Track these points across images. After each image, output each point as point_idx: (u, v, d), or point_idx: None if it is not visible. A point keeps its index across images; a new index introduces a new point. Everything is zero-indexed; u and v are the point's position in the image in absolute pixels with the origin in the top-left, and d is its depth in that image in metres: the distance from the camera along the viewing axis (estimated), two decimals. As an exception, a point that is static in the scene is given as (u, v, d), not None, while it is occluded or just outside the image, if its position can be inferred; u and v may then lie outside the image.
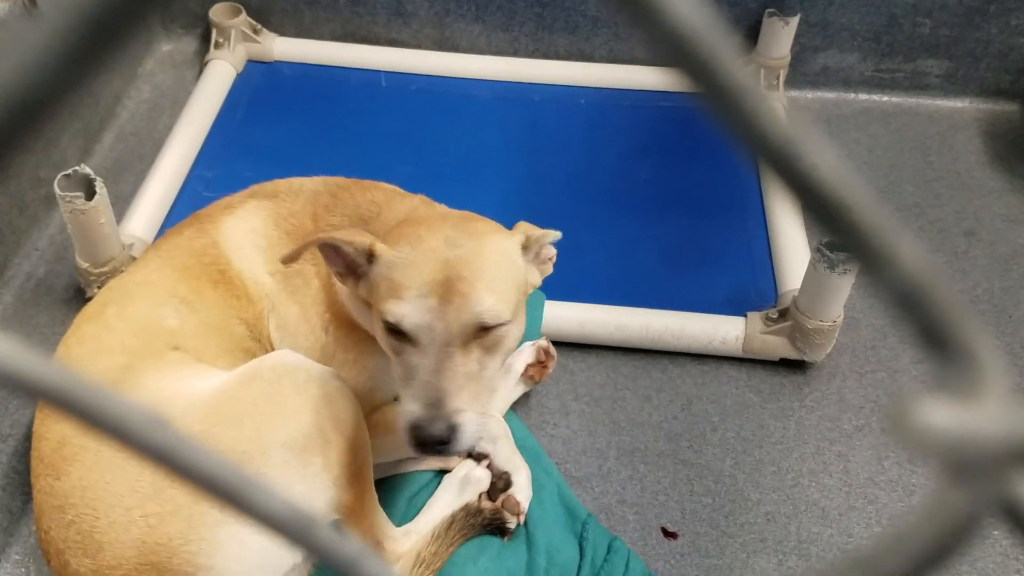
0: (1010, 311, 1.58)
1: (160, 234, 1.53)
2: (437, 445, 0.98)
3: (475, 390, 1.01)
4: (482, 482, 1.21)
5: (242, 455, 1.01)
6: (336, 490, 1.06)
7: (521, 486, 1.21)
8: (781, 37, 1.84)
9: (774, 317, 1.44)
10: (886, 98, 1.98)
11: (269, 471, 1.01)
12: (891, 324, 1.55)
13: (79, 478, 1.00)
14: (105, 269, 1.41)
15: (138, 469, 0.98)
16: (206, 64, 1.91)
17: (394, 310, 1.00)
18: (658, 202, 1.72)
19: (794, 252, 1.56)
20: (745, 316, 1.46)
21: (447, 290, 0.99)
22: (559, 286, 1.47)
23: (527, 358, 1.34)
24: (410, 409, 0.99)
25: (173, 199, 1.64)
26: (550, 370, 1.36)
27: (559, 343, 1.44)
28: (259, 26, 1.96)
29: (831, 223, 0.20)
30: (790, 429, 1.41)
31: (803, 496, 1.33)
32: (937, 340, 0.21)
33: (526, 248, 1.09)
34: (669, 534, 1.28)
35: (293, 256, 1.09)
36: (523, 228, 1.10)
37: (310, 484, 1.04)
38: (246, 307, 1.20)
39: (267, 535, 0.26)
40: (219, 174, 1.71)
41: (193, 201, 1.56)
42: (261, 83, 1.93)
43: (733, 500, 1.32)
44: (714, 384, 1.46)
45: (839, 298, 1.36)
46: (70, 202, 1.32)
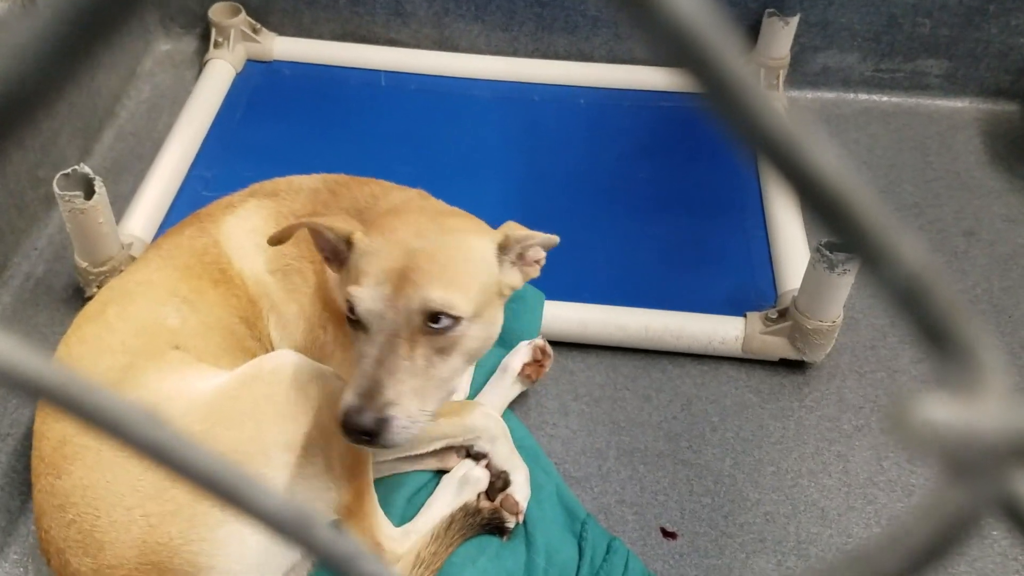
0: (1010, 311, 1.58)
1: (159, 234, 1.53)
2: (363, 436, 0.96)
3: (419, 387, 0.98)
4: (480, 482, 1.20)
5: (243, 455, 1.01)
6: (336, 490, 1.06)
7: (519, 486, 1.21)
8: (781, 37, 1.84)
9: (774, 317, 1.44)
10: (886, 98, 1.98)
11: (269, 471, 1.01)
12: (891, 324, 1.55)
13: (80, 477, 1.00)
14: (104, 268, 1.41)
15: (139, 469, 0.98)
16: (205, 63, 1.91)
17: (351, 295, 1.00)
18: (658, 202, 1.72)
19: (794, 252, 1.56)
20: (745, 316, 1.46)
21: (402, 279, 0.99)
22: (559, 286, 1.48)
23: (524, 357, 1.34)
24: (346, 397, 0.97)
25: (172, 199, 1.64)
26: (547, 369, 1.36)
27: (559, 343, 1.44)
28: (259, 26, 1.97)
29: (831, 220, 0.20)
30: (789, 429, 1.41)
31: (802, 496, 1.33)
32: (937, 338, 0.21)
33: (505, 248, 1.07)
34: (668, 534, 1.28)
35: (279, 237, 1.10)
36: (506, 228, 1.08)
37: (310, 484, 1.04)
38: (247, 306, 1.20)
39: (266, 534, 0.26)
40: (218, 174, 1.71)
41: (192, 201, 1.56)
42: (260, 83, 1.93)
43: (732, 500, 1.32)
44: (714, 384, 1.46)
45: (839, 298, 1.36)
46: (69, 201, 1.32)
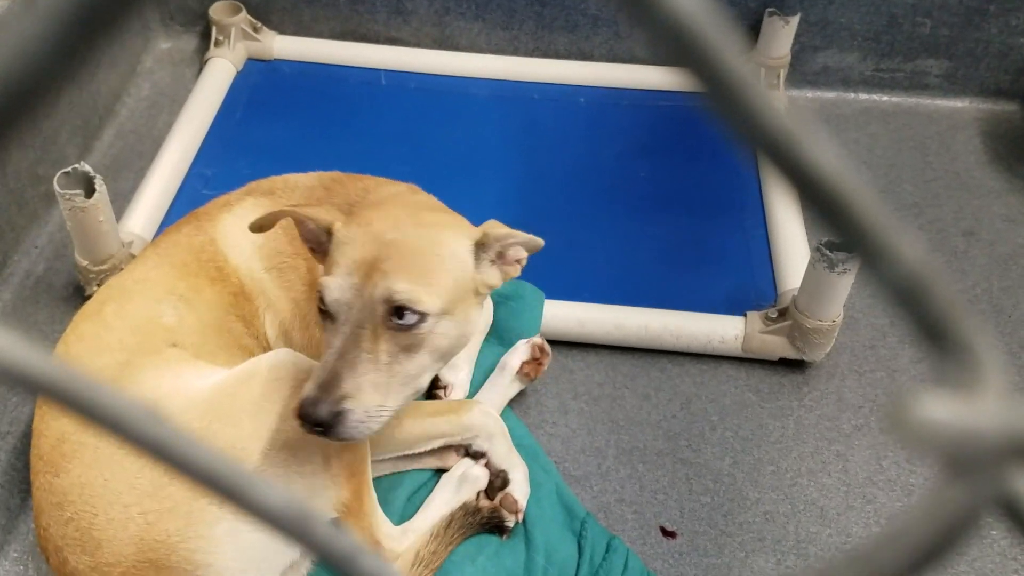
0: (1009, 311, 1.58)
1: (159, 232, 1.53)
2: (317, 427, 0.96)
3: (380, 382, 0.98)
4: (479, 480, 1.20)
5: (241, 452, 1.01)
6: (335, 488, 1.06)
7: (519, 484, 1.21)
8: (781, 36, 1.84)
9: (773, 316, 1.44)
10: (886, 98, 1.98)
11: (268, 469, 1.01)
12: (890, 324, 1.55)
13: (78, 475, 1.00)
14: (104, 267, 1.41)
15: (137, 466, 0.98)
16: (206, 62, 1.91)
17: (321, 284, 1.01)
18: (658, 201, 1.72)
19: (794, 251, 1.56)
20: (744, 315, 1.46)
21: (372, 269, 0.99)
22: (558, 285, 1.48)
23: (523, 355, 1.34)
24: (306, 387, 0.97)
25: (172, 197, 1.64)
26: (545, 368, 1.35)
27: (558, 342, 1.44)
28: (259, 24, 1.96)
29: (831, 218, 0.20)
30: (789, 428, 1.41)
31: (802, 495, 1.33)
32: (936, 335, 0.21)
33: (484, 246, 1.06)
34: (668, 533, 1.28)
35: (261, 224, 1.10)
36: (487, 226, 1.08)
37: (309, 482, 1.04)
38: (243, 304, 1.20)
39: (264, 530, 0.26)
40: (218, 172, 1.71)
41: (192, 199, 1.56)
42: (261, 81, 1.93)
43: (732, 499, 1.32)
44: (713, 383, 1.46)
45: (838, 298, 1.36)
46: (69, 200, 1.32)
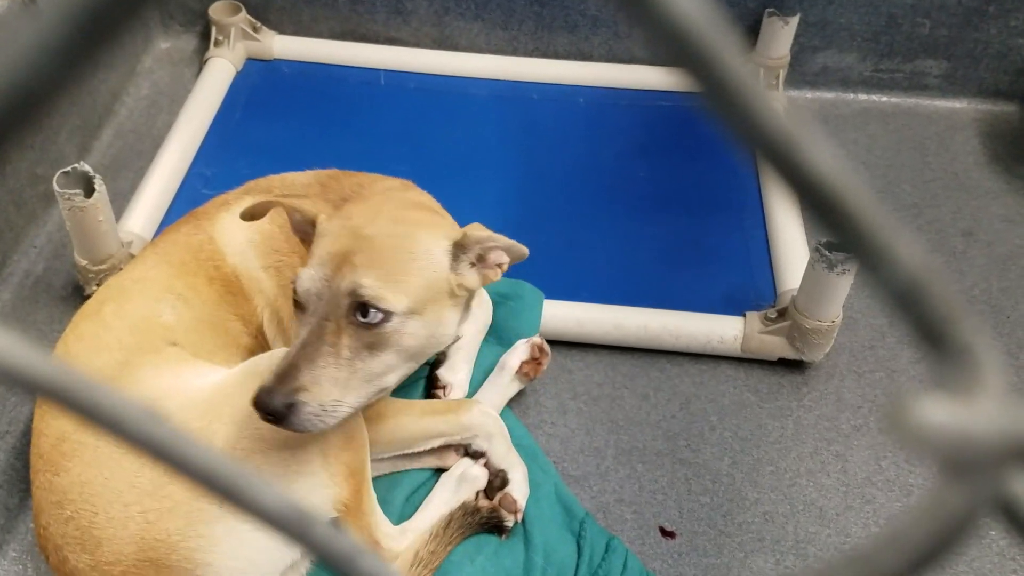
0: (1008, 311, 1.59)
1: (159, 231, 1.53)
2: (270, 417, 0.96)
3: (341, 377, 0.98)
4: (478, 480, 1.20)
5: (240, 452, 1.01)
6: (334, 488, 1.06)
7: (517, 484, 1.21)
8: (780, 37, 1.84)
9: (772, 317, 1.44)
10: (885, 98, 1.98)
11: (267, 468, 1.01)
12: (889, 324, 1.55)
13: (78, 474, 1.00)
14: (103, 266, 1.41)
15: (137, 465, 0.98)
16: (205, 62, 1.91)
17: (297, 274, 1.02)
18: (657, 201, 1.72)
19: (793, 252, 1.56)
20: (743, 316, 1.46)
21: (342, 262, 0.99)
22: (558, 285, 1.48)
23: (522, 355, 1.33)
24: (265, 376, 0.97)
25: (172, 197, 1.64)
26: (544, 367, 1.35)
27: (557, 342, 1.44)
28: (259, 24, 1.96)
29: (829, 220, 0.20)
30: (788, 429, 1.41)
31: (801, 496, 1.33)
32: (934, 338, 0.21)
33: (464, 248, 1.06)
34: (667, 533, 1.28)
35: (251, 212, 1.11)
36: (469, 228, 1.08)
37: (308, 482, 1.04)
38: (241, 303, 1.20)
39: (263, 531, 0.26)
40: (218, 172, 1.71)
41: (192, 198, 1.56)
42: (260, 81, 1.93)
43: (731, 499, 1.32)
44: (712, 384, 1.46)
45: (838, 298, 1.36)
46: (69, 199, 1.32)
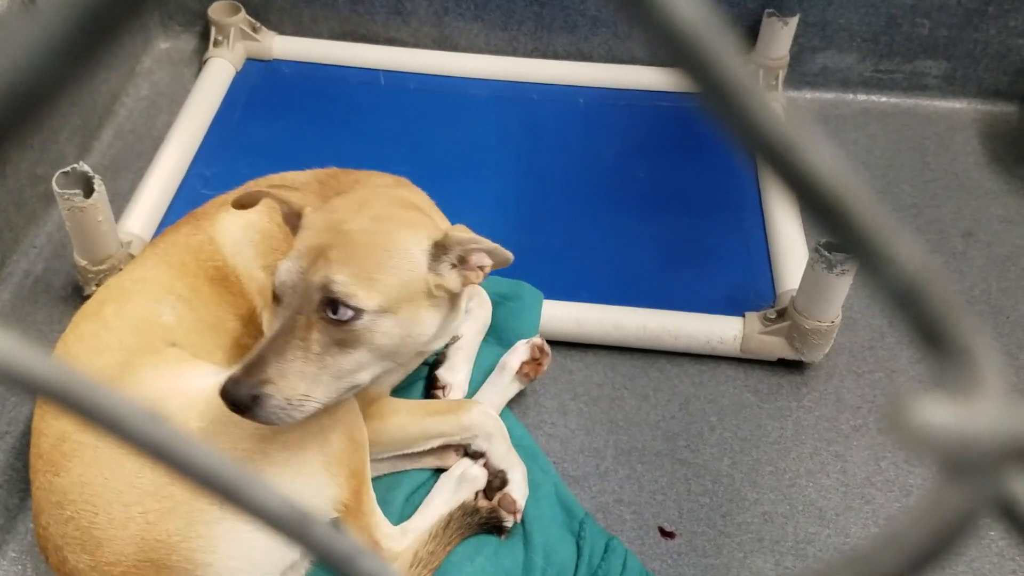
0: (1007, 312, 1.59)
1: (158, 232, 1.53)
2: (234, 408, 0.96)
3: (310, 372, 0.98)
4: (478, 480, 1.20)
5: (241, 453, 1.01)
6: (334, 488, 1.06)
7: (517, 484, 1.21)
8: (780, 37, 1.84)
9: (772, 317, 1.44)
10: (884, 99, 1.98)
11: (268, 469, 1.01)
12: (889, 325, 1.55)
13: (78, 474, 1.00)
14: (103, 267, 1.41)
15: (137, 466, 0.98)
16: (205, 62, 1.91)
17: (277, 266, 1.02)
18: (656, 202, 1.72)
19: (792, 252, 1.56)
20: (743, 316, 1.46)
21: (318, 256, 1.00)
22: (557, 285, 1.48)
23: (522, 356, 1.33)
24: (234, 367, 0.97)
25: (171, 197, 1.64)
26: (545, 368, 1.35)
27: (557, 342, 1.44)
28: (258, 24, 1.96)
29: (829, 220, 0.20)
30: (788, 429, 1.41)
31: (800, 496, 1.33)
32: (934, 338, 0.21)
33: (445, 249, 1.05)
34: (666, 533, 1.28)
35: (241, 202, 1.11)
36: (451, 229, 1.07)
37: (308, 482, 1.04)
38: (241, 303, 1.20)
39: (263, 531, 0.26)
40: (218, 172, 1.71)
41: (191, 199, 1.56)
42: (260, 81, 1.93)
43: (730, 500, 1.32)
44: (712, 384, 1.46)
45: (837, 298, 1.36)
46: (68, 199, 1.32)
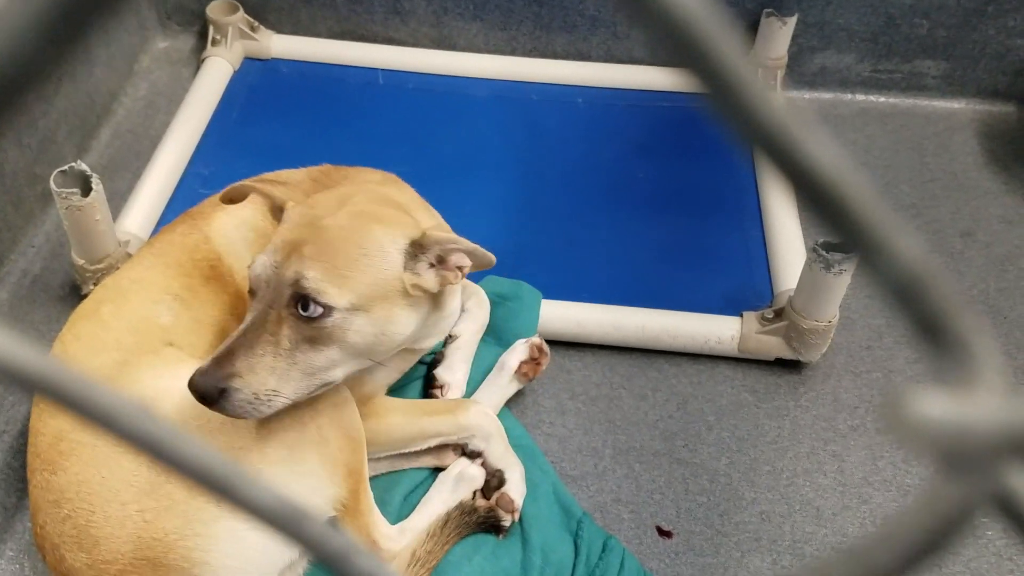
0: (1006, 312, 1.59)
1: (156, 231, 1.53)
2: (202, 400, 0.96)
3: (279, 368, 0.98)
4: (476, 480, 1.20)
5: (238, 451, 1.01)
6: (332, 488, 1.06)
7: (515, 483, 1.21)
8: (779, 37, 1.84)
9: (770, 317, 1.44)
10: (883, 99, 1.99)
11: (265, 467, 1.01)
12: (887, 324, 1.55)
13: (75, 473, 1.00)
14: (101, 266, 1.40)
15: (134, 464, 0.98)
16: (203, 61, 1.91)
17: (253, 259, 1.03)
18: (655, 201, 1.72)
19: (790, 252, 1.56)
20: (741, 316, 1.46)
21: (292, 250, 1.00)
22: (556, 285, 1.48)
23: (521, 355, 1.33)
24: (205, 359, 0.98)
25: (169, 196, 1.64)
26: (544, 367, 1.35)
27: (555, 342, 1.44)
28: (256, 23, 1.96)
29: (827, 212, 0.20)
30: (785, 429, 1.41)
31: (798, 495, 1.33)
32: (932, 331, 0.21)
33: (423, 248, 1.05)
34: (664, 533, 1.28)
35: (229, 196, 1.12)
36: (430, 229, 1.07)
37: (305, 481, 1.04)
38: (237, 302, 1.20)
39: (258, 527, 0.26)
40: (216, 171, 1.70)
41: (189, 198, 1.55)
42: (258, 80, 1.93)
43: (728, 499, 1.32)
44: (710, 384, 1.46)
45: (835, 298, 1.36)
46: (66, 198, 1.31)
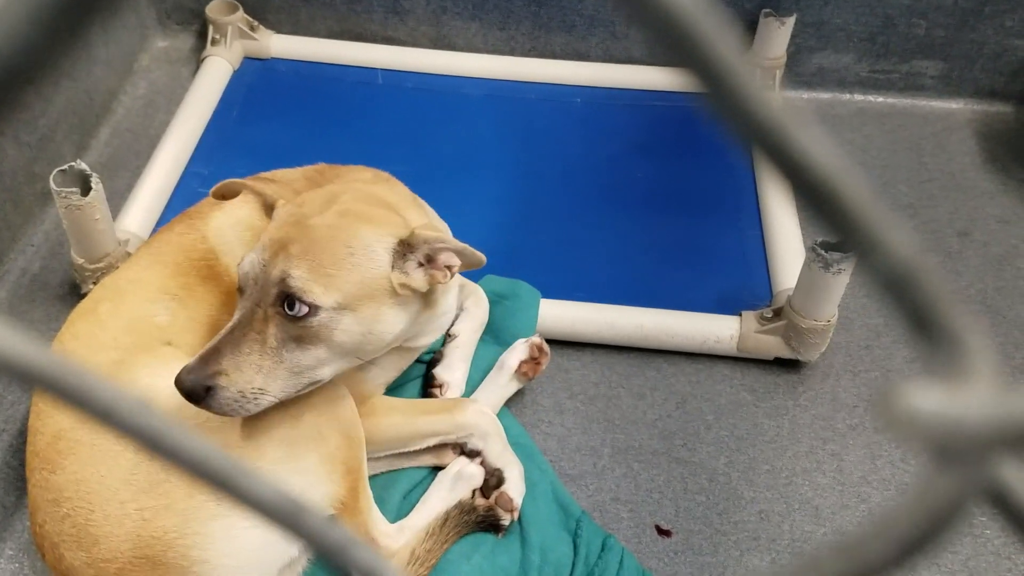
0: (1004, 311, 1.59)
1: (155, 230, 1.53)
2: (188, 397, 0.96)
3: (266, 366, 0.98)
4: (474, 478, 1.21)
5: (237, 450, 1.01)
6: (331, 486, 1.06)
7: (514, 483, 1.21)
8: (777, 37, 1.84)
9: (768, 316, 1.44)
10: (881, 99, 1.99)
11: (264, 466, 1.01)
12: (885, 324, 1.55)
13: (74, 472, 1.00)
14: (100, 265, 1.40)
15: (133, 463, 0.98)
16: (202, 61, 1.91)
17: (242, 257, 1.03)
18: (653, 201, 1.72)
19: (789, 251, 1.56)
20: (739, 315, 1.46)
21: (280, 249, 1.00)
22: (554, 284, 1.48)
23: (521, 355, 1.34)
24: (192, 357, 0.98)
25: (169, 195, 1.64)
26: (543, 367, 1.36)
27: (554, 341, 1.44)
28: (256, 23, 1.96)
29: (823, 205, 0.20)
30: (784, 428, 1.41)
31: (796, 495, 1.33)
32: (925, 325, 0.21)
33: (411, 247, 1.05)
34: (663, 532, 1.28)
35: (221, 192, 1.12)
36: (419, 228, 1.06)
37: (304, 479, 1.04)
38: (234, 301, 1.20)
39: (257, 521, 0.26)
40: (215, 171, 1.70)
41: (188, 197, 1.55)
42: (257, 80, 1.93)
43: (727, 498, 1.32)
44: (708, 383, 1.46)
45: (833, 297, 1.36)
46: (65, 198, 1.31)
